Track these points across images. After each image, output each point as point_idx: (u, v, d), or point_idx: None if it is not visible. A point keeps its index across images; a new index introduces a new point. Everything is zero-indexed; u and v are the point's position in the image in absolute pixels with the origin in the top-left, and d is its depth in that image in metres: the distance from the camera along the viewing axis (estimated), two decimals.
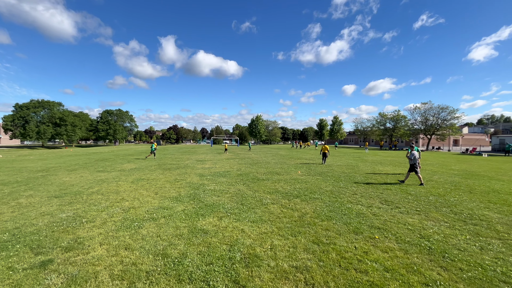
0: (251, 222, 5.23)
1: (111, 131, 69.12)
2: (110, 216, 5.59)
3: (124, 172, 12.97)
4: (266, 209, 6.16)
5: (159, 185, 9.26)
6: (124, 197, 7.46)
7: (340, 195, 7.77)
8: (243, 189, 8.64)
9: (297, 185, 9.27)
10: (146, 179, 10.58)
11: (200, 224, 5.06)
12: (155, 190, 8.38)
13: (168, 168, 14.46)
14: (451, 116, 38.67)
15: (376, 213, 5.89)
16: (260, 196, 7.53)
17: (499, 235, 4.54)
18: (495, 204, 6.66)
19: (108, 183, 9.78)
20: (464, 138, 58.25)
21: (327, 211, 5.98)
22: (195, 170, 13.80)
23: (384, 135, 51.18)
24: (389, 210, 6.16)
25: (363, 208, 6.27)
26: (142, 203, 6.71)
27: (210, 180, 10.49)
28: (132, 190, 8.39)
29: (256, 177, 11.26)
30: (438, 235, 4.55)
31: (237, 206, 6.42)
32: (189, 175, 11.91)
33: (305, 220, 5.37)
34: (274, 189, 8.64)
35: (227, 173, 12.40)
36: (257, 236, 4.46)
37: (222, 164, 17.11)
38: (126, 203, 6.78)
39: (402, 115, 47.15)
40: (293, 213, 5.85)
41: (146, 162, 18.05)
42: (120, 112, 75.43)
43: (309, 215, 5.69)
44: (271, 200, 7.06)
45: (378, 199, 7.27)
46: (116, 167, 14.96)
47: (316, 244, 4.13)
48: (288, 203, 6.80)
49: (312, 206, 6.49)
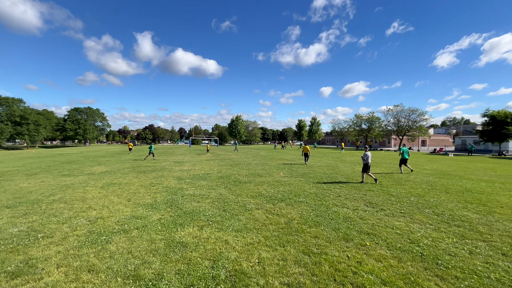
0: (235, 231, 4.82)
1: (81, 131, 64.61)
2: (72, 229, 4.88)
3: (93, 176, 11.89)
4: (250, 216, 5.78)
5: (132, 191, 8.50)
6: (92, 205, 6.67)
7: (324, 197, 7.62)
8: (225, 193, 8.19)
9: (281, 188, 9.01)
10: (118, 184, 9.72)
11: (178, 236, 4.56)
12: (128, 196, 7.65)
13: (143, 171, 13.53)
14: (420, 118, 41.11)
15: (363, 216, 5.77)
16: (243, 201, 7.14)
17: (483, 237, 4.58)
18: (472, 204, 6.88)
19: (73, 189, 8.81)
20: (431, 139, 62.38)
21: (314, 216, 5.74)
22: (173, 172, 13.05)
23: (359, 136, 53.13)
24: (375, 213, 6.07)
25: (349, 212, 6.13)
26: (112, 212, 6.02)
27: (189, 183, 9.89)
28: (102, 197, 7.58)
29: (238, 179, 10.84)
30: (426, 239, 4.48)
31: (219, 213, 5.98)
32: (166, 178, 11.19)
33: (293, 226, 5.07)
34: (258, 192, 8.30)
35: (207, 176, 11.85)
36: (243, 248, 4.07)
37: (202, 165, 16.45)
38: (93, 212, 6.03)
39: (376, 117, 49.26)
40: (279, 219, 5.53)
41: (118, 165, 16.85)
42: (90, 110, 70.84)
43: (296, 221, 5.41)
44: (255, 205, 6.70)
45: (362, 201, 7.21)
46: (84, 170, 13.72)
47: (306, 255, 3.83)
48: (273, 208, 6.48)
49: (298, 210, 6.23)
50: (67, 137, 66.67)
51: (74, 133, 64.37)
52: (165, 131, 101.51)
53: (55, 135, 72.43)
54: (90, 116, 70.70)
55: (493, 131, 29.05)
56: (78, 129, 64.36)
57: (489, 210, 6.28)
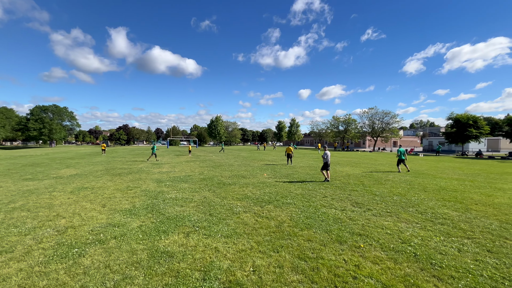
0: (224, 237, 4.53)
1: (46, 131, 59.76)
2: (37, 242, 4.27)
3: (62, 179, 10.85)
4: (239, 220, 5.51)
5: (107, 195, 7.82)
6: (60, 212, 5.98)
7: (311, 198, 7.56)
8: (210, 196, 7.83)
9: (267, 189, 8.83)
10: (90, 188, 8.92)
11: (162, 245, 4.16)
12: (102, 202, 7.00)
13: (118, 174, 12.65)
14: (393, 120, 43.42)
15: (352, 217, 5.76)
16: (229, 204, 6.84)
17: (467, 234, 4.74)
18: (449, 202, 7.20)
19: (38, 194, 7.91)
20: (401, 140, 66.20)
21: (304, 218, 5.62)
22: (151, 175, 12.35)
23: (337, 137, 54.90)
24: (363, 213, 6.10)
25: (338, 212, 6.10)
26: (84, 220, 5.42)
27: (170, 186, 9.36)
28: (72, 203, 6.86)
29: (222, 181, 10.49)
30: (416, 238, 4.53)
31: (205, 218, 5.63)
32: (144, 181, 10.52)
33: (284, 230, 4.89)
34: (243, 194, 8.04)
35: (189, 178, 11.34)
36: (235, 256, 3.80)
37: (182, 167, 15.81)
38: (62, 221, 5.39)
39: (352, 119, 51.20)
40: (269, 223, 5.33)
41: (90, 167, 15.65)
42: (57, 108, 65.84)
43: (287, 224, 5.24)
44: (242, 208, 6.44)
45: (348, 201, 7.25)
46: (50, 174, 12.51)
47: (303, 260, 3.66)
48: (261, 210, 6.27)
49: (287, 212, 6.07)
50: (30, 137, 61.34)
51: (39, 133, 59.37)
52: (140, 131, 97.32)
53: (15, 135, 66.33)
54: (57, 114, 65.68)
55: (457, 133, 31.44)
56: (43, 129, 59.45)
57: (466, 208, 6.59)
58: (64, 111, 67.45)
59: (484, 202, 7.18)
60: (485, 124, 30.45)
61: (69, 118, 69.84)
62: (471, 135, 29.74)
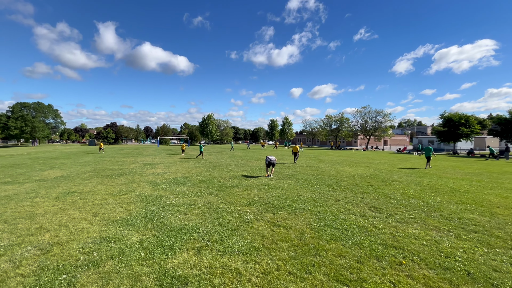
0: (243, 253, 3.89)
1: (28, 129, 56.81)
2: (15, 266, 3.49)
3: (45, 182, 9.85)
4: (253, 230, 4.88)
5: (98, 201, 7.00)
6: (44, 224, 5.16)
7: (324, 202, 7.02)
8: (214, 201, 7.14)
9: (274, 192, 8.23)
10: (78, 193, 8.04)
11: (171, 266, 3.48)
12: (93, 210, 6.19)
13: (108, 175, 11.71)
14: (385, 119, 43.77)
15: (376, 224, 5.24)
16: (238, 210, 6.19)
17: (508, 244, 4.30)
18: (470, 205, 6.82)
19: (17, 201, 6.98)
20: (392, 139, 67.20)
21: (325, 227, 5.05)
22: (145, 176, 11.49)
23: (329, 136, 54.98)
24: (385, 219, 5.60)
25: (359, 219, 5.57)
26: (73, 234, 4.63)
27: (168, 190, 8.60)
28: (57, 212, 6.02)
29: (223, 183, 9.80)
30: (457, 250, 4.04)
31: (214, 228, 4.96)
32: (138, 184, 9.69)
33: (308, 243, 4.30)
34: (250, 198, 7.40)
35: (187, 180, 10.58)
36: (262, 280, 3.17)
37: (177, 168, 14.97)
38: (46, 235, 4.59)
39: (345, 118, 51.34)
40: (289, 233, 4.73)
41: (77, 168, 14.56)
42: (40, 105, 62.81)
43: (309, 235, 4.65)
44: (253, 215, 5.80)
45: (364, 205, 6.74)
46: (32, 176, 11.43)
47: (344, 285, 3.08)
48: (275, 218, 5.66)
49: (304, 220, 5.48)
50: (11, 136, 58.19)
51: (20, 131, 56.37)
52: (129, 129, 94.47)
53: None
54: (40, 112, 62.64)
55: (449, 132, 31.89)
56: (24, 127, 56.46)
57: (491, 212, 6.21)
58: (48, 108, 64.40)
59: (505, 205, 6.84)
60: (476, 123, 31.01)
61: (53, 116, 66.76)
62: (462, 134, 30.23)
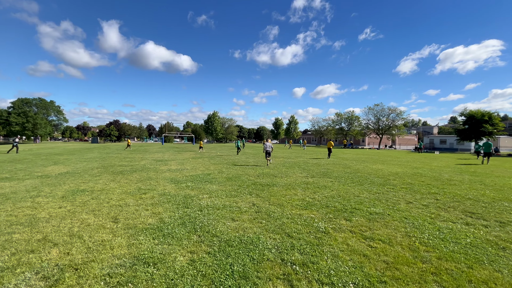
0: (354, 284, 2.48)
1: (30, 125, 55.72)
2: None
3: (49, 179, 8.49)
4: (343, 246, 3.47)
5: (115, 202, 5.61)
6: (49, 233, 3.77)
7: (396, 205, 5.60)
8: (258, 202, 5.74)
9: (324, 192, 6.82)
10: (89, 191, 6.66)
11: None
12: (112, 213, 4.80)
13: (119, 172, 10.34)
14: (399, 117, 42.25)
15: (505, 238, 3.82)
16: (298, 215, 4.79)
17: None
18: None
19: (15, 201, 5.61)
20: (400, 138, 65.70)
21: (438, 240, 3.64)
22: (161, 173, 10.11)
23: (338, 135, 53.50)
24: (502, 229, 4.19)
25: (467, 229, 4.15)
26: (91, 250, 3.24)
27: (195, 188, 7.21)
28: (66, 215, 4.63)
29: (255, 181, 8.40)
30: None
31: (287, 242, 3.56)
32: (157, 181, 8.30)
33: (440, 267, 2.88)
34: (302, 200, 6.00)
35: (211, 177, 9.19)
36: None
37: (193, 164, 13.57)
38: (53, 251, 3.20)
39: (356, 116, 49.86)
40: (397, 251, 3.31)
41: (83, 164, 13.19)
42: (42, 102, 61.68)
43: (427, 253, 3.24)
44: (323, 223, 4.39)
45: (452, 209, 5.33)
46: (34, 172, 10.06)
47: None
48: (354, 226, 4.25)
49: (397, 230, 4.07)
50: (12, 132, 57.07)
51: (21, 127, 55.28)
52: (132, 127, 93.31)
53: None
54: (42, 108, 61.53)
55: (470, 130, 30.34)
56: (26, 123, 55.36)
57: None
58: (50, 105, 63.27)
59: None
60: (499, 120, 29.46)
61: (55, 113, 65.68)
62: (486, 132, 28.65)
